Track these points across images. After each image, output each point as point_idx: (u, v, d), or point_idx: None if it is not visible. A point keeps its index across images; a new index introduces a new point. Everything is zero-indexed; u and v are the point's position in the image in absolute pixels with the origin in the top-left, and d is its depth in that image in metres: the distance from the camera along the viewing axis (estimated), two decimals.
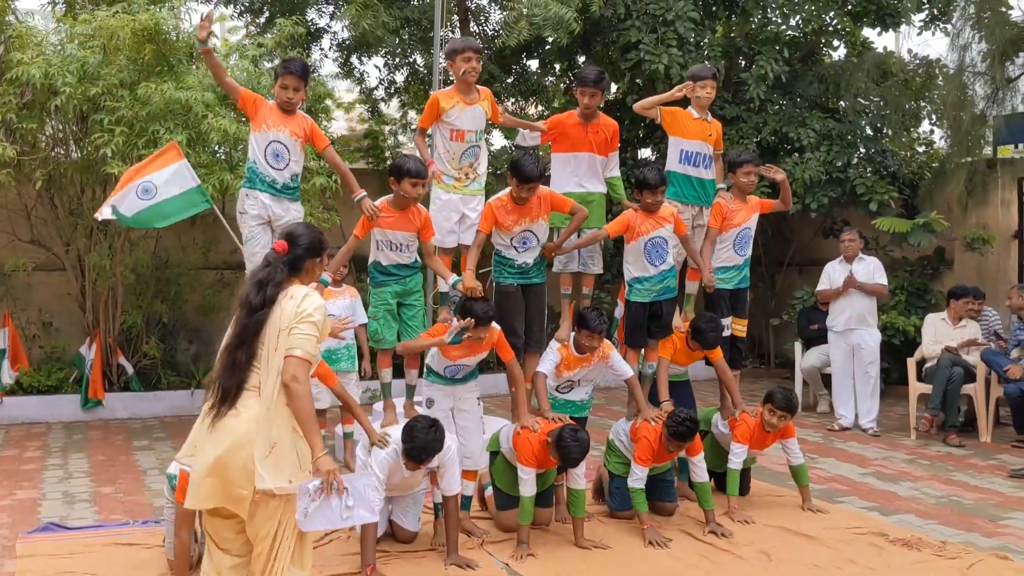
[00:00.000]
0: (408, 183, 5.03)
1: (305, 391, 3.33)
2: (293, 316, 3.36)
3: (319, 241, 3.62)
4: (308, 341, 3.36)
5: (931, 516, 5.82)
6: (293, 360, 3.31)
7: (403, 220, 5.13)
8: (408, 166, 5.04)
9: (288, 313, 3.37)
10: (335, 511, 3.38)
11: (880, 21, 11.06)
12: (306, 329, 3.36)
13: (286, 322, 3.35)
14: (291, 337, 3.34)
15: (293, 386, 3.29)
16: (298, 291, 3.44)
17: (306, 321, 3.37)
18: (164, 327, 9.77)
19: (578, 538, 5.17)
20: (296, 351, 3.32)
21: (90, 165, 8.14)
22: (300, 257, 3.52)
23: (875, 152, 10.32)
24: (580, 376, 5.57)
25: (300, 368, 3.31)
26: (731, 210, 6.08)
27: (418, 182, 5.04)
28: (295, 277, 3.51)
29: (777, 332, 11.68)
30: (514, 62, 11.48)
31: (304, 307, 3.39)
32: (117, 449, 7.66)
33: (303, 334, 3.35)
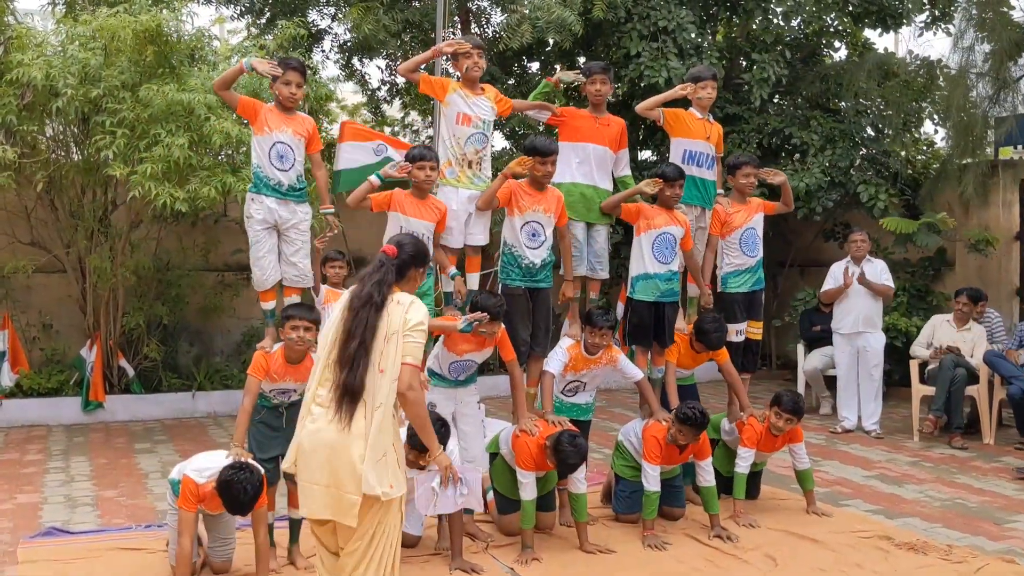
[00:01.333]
0: (415, 167, 5.10)
1: (421, 398, 3.48)
2: (404, 323, 3.41)
3: (424, 252, 3.74)
4: (419, 349, 3.45)
5: (936, 519, 5.80)
6: (408, 368, 3.39)
7: (423, 209, 5.17)
8: (412, 153, 5.20)
9: (396, 318, 3.41)
10: (451, 497, 3.99)
11: (881, 22, 11.08)
12: (418, 337, 3.45)
13: (394, 327, 3.40)
14: (405, 344, 3.40)
15: (410, 394, 3.40)
16: (404, 298, 3.50)
17: (418, 330, 3.45)
18: (165, 329, 9.74)
19: (583, 542, 5.15)
20: (409, 358, 3.40)
21: (91, 167, 8.11)
22: (407, 263, 3.60)
23: (877, 153, 10.31)
24: (587, 378, 5.55)
25: (414, 376, 3.42)
26: (730, 213, 6.07)
27: (424, 164, 5.11)
28: (400, 282, 3.58)
29: (779, 334, 11.67)
30: (515, 63, 11.47)
31: (414, 315, 3.45)
32: (118, 452, 7.63)
33: (415, 342, 3.43)
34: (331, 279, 6.94)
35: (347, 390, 3.32)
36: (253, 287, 5.33)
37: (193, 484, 4.35)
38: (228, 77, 5.12)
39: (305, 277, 5.24)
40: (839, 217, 10.94)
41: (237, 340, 10.40)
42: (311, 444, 3.38)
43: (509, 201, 5.36)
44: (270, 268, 5.12)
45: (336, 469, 3.31)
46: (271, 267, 5.12)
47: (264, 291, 5.20)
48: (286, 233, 5.13)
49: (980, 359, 8.01)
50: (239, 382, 9.51)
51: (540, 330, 5.52)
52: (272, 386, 4.80)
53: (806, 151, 10.30)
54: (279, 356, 4.75)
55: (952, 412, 7.94)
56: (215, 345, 10.44)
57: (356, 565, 3.39)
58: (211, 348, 10.41)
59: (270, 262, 5.11)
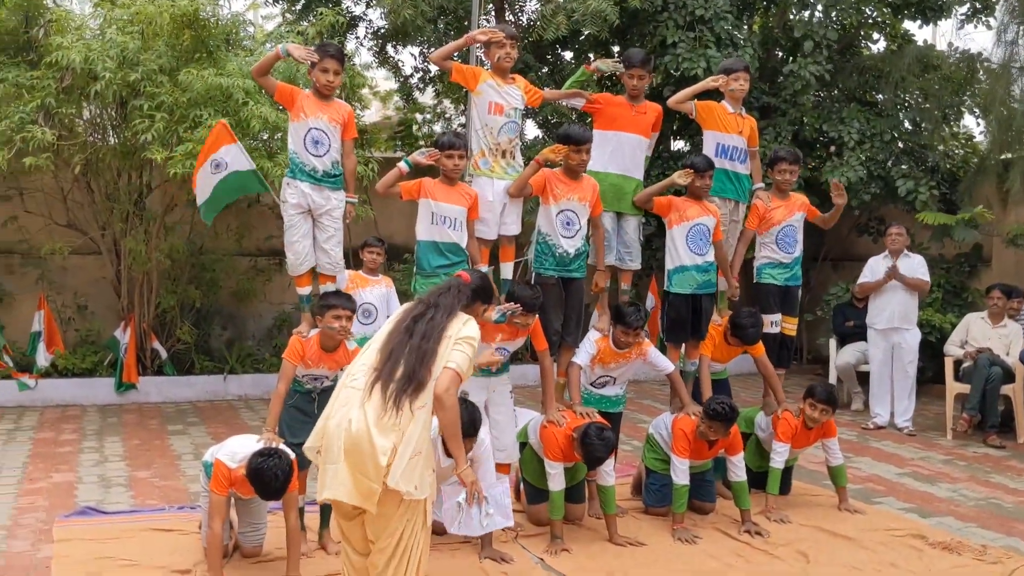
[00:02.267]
0: (444, 156, 5.09)
1: (455, 403, 3.49)
2: (457, 332, 3.54)
3: (491, 292, 3.98)
4: (466, 359, 3.50)
5: (970, 519, 5.73)
6: (450, 372, 3.44)
7: (454, 194, 5.15)
8: (441, 140, 5.19)
9: (452, 328, 3.55)
10: (475, 519, 3.73)
11: (921, 14, 10.92)
12: (466, 349, 3.53)
13: (449, 333, 3.52)
14: (454, 352, 3.48)
15: (445, 398, 3.41)
16: (462, 316, 3.65)
17: (468, 342, 3.54)
18: (198, 312, 9.84)
19: (612, 534, 5.13)
20: (452, 364, 3.45)
21: (128, 151, 8.18)
22: (476, 293, 3.89)
23: (915, 147, 10.17)
24: (617, 373, 5.53)
25: (454, 382, 3.45)
26: (769, 209, 6.01)
27: (452, 153, 5.09)
28: (464, 309, 3.71)
29: (810, 328, 11.58)
30: (549, 52, 11.41)
31: (467, 331, 3.58)
32: (152, 433, 7.71)
33: (463, 351, 3.51)
34: (367, 264, 6.95)
35: (412, 380, 3.38)
36: (287, 272, 5.34)
37: (225, 468, 4.37)
38: (265, 63, 5.13)
39: (337, 265, 5.24)
40: (874, 211, 10.81)
41: (269, 325, 10.48)
42: (340, 428, 3.38)
43: (544, 190, 5.33)
44: (304, 253, 5.13)
45: (363, 456, 3.30)
46: (305, 252, 5.13)
47: (298, 276, 5.21)
48: (319, 219, 5.13)
49: (1016, 357, 7.89)
50: (270, 366, 9.60)
51: (571, 320, 5.50)
52: (306, 372, 4.82)
53: (842, 145, 10.18)
54: (315, 343, 4.77)
55: (987, 411, 7.84)
56: (247, 329, 10.52)
57: (386, 564, 3.41)
58: (243, 332, 10.49)
59: (304, 247, 5.12)
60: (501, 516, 3.70)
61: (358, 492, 3.33)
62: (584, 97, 5.82)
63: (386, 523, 3.40)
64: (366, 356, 3.54)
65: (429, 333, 3.48)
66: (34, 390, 8.77)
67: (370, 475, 3.29)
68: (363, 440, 3.30)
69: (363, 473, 3.31)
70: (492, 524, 3.72)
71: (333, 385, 4.96)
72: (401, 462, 3.29)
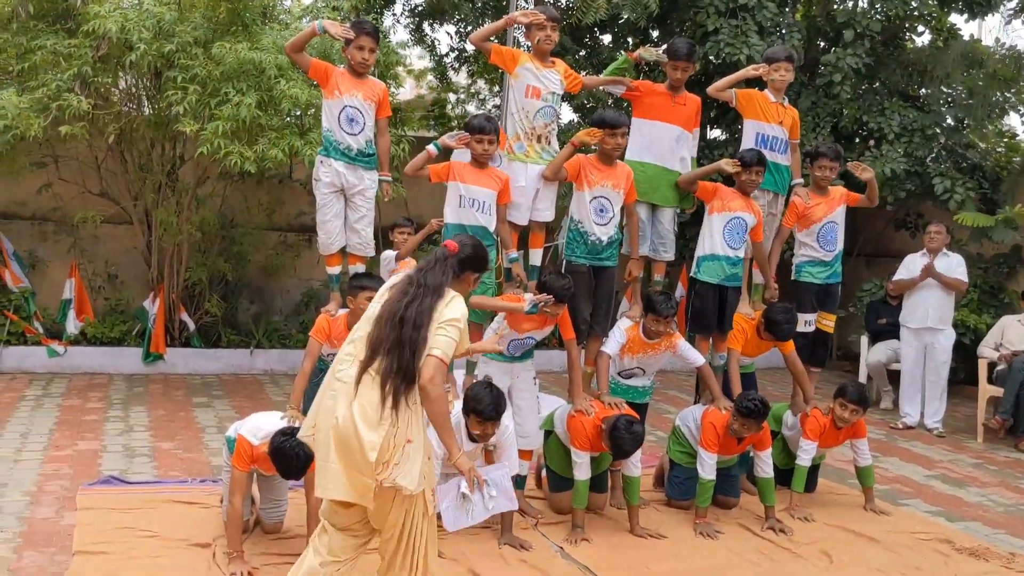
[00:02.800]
0: (474, 140, 5.01)
1: (442, 394, 3.34)
2: (439, 316, 3.34)
3: (484, 258, 3.70)
4: (450, 344, 3.33)
5: (999, 525, 5.63)
6: (433, 361, 3.28)
7: (484, 177, 5.08)
8: (472, 123, 5.07)
9: (437, 313, 3.35)
10: (478, 505, 3.58)
11: (968, 8, 10.66)
12: (452, 333, 3.34)
13: (436, 318, 3.34)
14: (436, 337, 3.31)
15: (430, 388, 3.26)
16: (448, 292, 3.43)
17: (452, 325, 3.35)
18: (227, 286, 9.87)
19: (633, 526, 5.09)
20: (436, 351, 3.29)
21: (162, 122, 8.18)
22: (465, 264, 3.58)
23: (956, 144, 9.97)
24: (646, 364, 5.46)
25: (439, 370, 3.29)
26: (808, 207, 5.89)
27: (482, 138, 5.00)
28: (454, 281, 3.53)
29: (841, 324, 11.38)
30: (587, 36, 11.29)
31: (452, 311, 3.37)
32: (177, 405, 7.75)
33: (447, 336, 3.32)
34: (397, 244, 6.94)
35: (406, 375, 3.24)
36: (318, 250, 5.32)
37: (248, 444, 4.36)
38: (300, 40, 5.08)
39: (367, 245, 5.22)
40: (912, 207, 10.62)
41: (296, 300, 10.50)
42: (327, 424, 3.30)
43: (578, 175, 5.26)
44: (336, 233, 5.11)
45: (352, 452, 3.22)
46: (337, 232, 5.11)
47: (329, 255, 5.19)
48: (352, 199, 5.11)
49: None
50: (297, 342, 9.62)
51: (601, 309, 5.44)
52: (331, 350, 4.80)
53: (882, 139, 10.00)
54: (342, 322, 4.75)
55: (1020, 415, 7.71)
56: (275, 304, 10.55)
57: (394, 552, 3.38)
58: (271, 307, 10.52)
59: (336, 227, 5.10)
60: (505, 499, 3.58)
61: (354, 489, 3.26)
62: (624, 84, 5.72)
63: (385, 515, 3.34)
64: (353, 345, 3.40)
65: (419, 321, 3.29)
66: (63, 357, 8.84)
67: (363, 471, 3.22)
68: (351, 437, 3.22)
69: (356, 469, 3.23)
70: (498, 506, 3.59)
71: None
72: (396, 457, 3.21)
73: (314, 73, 5.12)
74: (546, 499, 5.50)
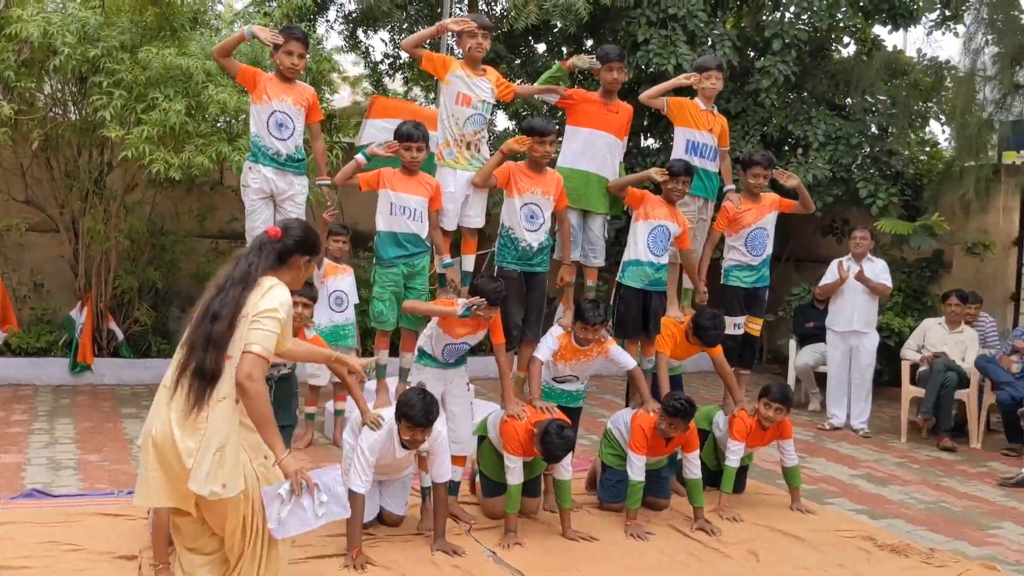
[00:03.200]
0: (402, 148, 5.02)
1: (261, 390, 3.12)
2: (254, 311, 3.15)
3: (314, 241, 3.48)
4: (269, 338, 3.15)
5: (920, 522, 5.80)
6: (250, 357, 3.10)
7: (414, 184, 5.09)
8: (400, 131, 5.07)
9: (251, 302, 3.17)
10: (308, 511, 3.23)
11: (891, 19, 10.99)
12: (269, 325, 3.16)
13: (246, 311, 3.16)
14: (252, 332, 3.13)
15: (247, 384, 3.08)
16: (267, 281, 3.25)
17: (271, 317, 3.16)
18: (157, 294, 9.70)
19: (565, 529, 5.13)
20: (255, 347, 3.11)
21: (88, 128, 8.03)
22: (290, 249, 3.38)
23: (880, 152, 10.26)
24: (579, 371, 5.52)
25: (257, 366, 3.10)
26: (739, 212, 6.02)
27: (411, 145, 5.01)
28: (279, 268, 3.36)
29: (770, 328, 11.64)
30: (522, 44, 11.37)
31: (269, 301, 3.18)
32: (104, 416, 7.59)
33: (265, 330, 3.14)
34: (333, 252, 6.92)
35: (204, 374, 3.08)
36: None
37: None
38: (228, 44, 5.03)
39: None
40: (839, 213, 10.90)
41: None
42: (148, 432, 3.17)
43: (508, 182, 5.30)
44: None
45: (169, 459, 3.11)
46: None
47: None
48: (282, 205, 5.08)
49: (972, 363, 8.00)
50: None
51: (533, 315, 5.47)
52: None
53: (808, 146, 10.25)
54: None
55: (941, 415, 7.95)
56: None
57: (239, 559, 3.26)
58: None
59: None
60: (337, 505, 3.28)
61: (175, 494, 3.16)
62: (558, 93, 5.77)
63: (221, 519, 3.21)
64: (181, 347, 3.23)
65: (220, 313, 3.11)
66: None
67: (181, 477, 3.09)
68: (167, 443, 3.10)
69: (175, 476, 3.11)
70: (329, 513, 3.27)
71: (290, 373, 4.93)
72: (203, 463, 3.06)
73: (242, 78, 5.08)
74: (480, 504, 5.52)
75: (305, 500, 3.22)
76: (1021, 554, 5.26)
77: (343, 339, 6.79)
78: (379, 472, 4.85)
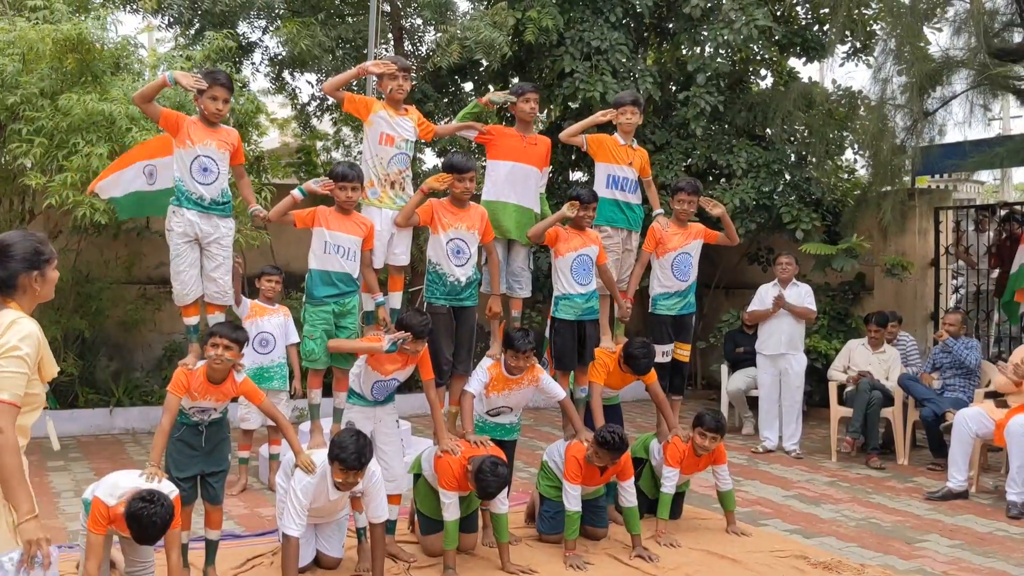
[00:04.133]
0: (337, 188, 5.06)
1: (11, 443, 2.80)
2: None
3: (35, 250, 3.04)
4: (14, 381, 2.82)
5: (851, 539, 5.93)
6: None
7: (348, 223, 5.12)
8: (336, 171, 5.12)
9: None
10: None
11: (805, 52, 11.39)
12: (12, 366, 2.82)
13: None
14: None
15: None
16: (6, 315, 2.90)
17: (11, 357, 2.82)
18: (83, 343, 9.49)
19: (504, 563, 5.14)
20: (4, 394, 2.79)
21: (7, 176, 7.87)
22: (13, 273, 2.98)
23: (800, 179, 10.58)
24: (512, 401, 5.55)
25: (4, 416, 2.77)
26: (666, 234, 6.17)
27: (346, 185, 5.06)
28: (11, 295, 2.99)
29: (704, 355, 11.86)
30: (449, 83, 11.49)
31: (7, 338, 2.83)
32: (30, 470, 7.33)
33: (8, 372, 2.81)
34: (265, 292, 6.89)
35: None
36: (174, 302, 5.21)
37: (103, 506, 4.21)
38: (149, 90, 4.99)
39: (225, 294, 5.14)
40: (763, 241, 11.17)
41: (158, 355, 10.17)
42: None
43: (432, 219, 5.36)
44: (191, 283, 5.02)
45: None
46: (192, 281, 5.01)
47: (186, 306, 5.09)
48: (207, 248, 5.03)
49: (895, 382, 8.24)
50: (159, 398, 9.31)
51: (463, 349, 5.51)
52: (192, 404, 4.70)
53: (732, 175, 10.51)
54: (201, 374, 4.66)
55: (869, 433, 8.15)
56: (135, 360, 10.20)
57: None
58: (131, 363, 10.16)
59: (191, 276, 5.00)
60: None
61: None
62: (477, 128, 5.87)
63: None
64: None
65: None
66: None
67: None
68: None
69: None
70: None
71: (221, 418, 4.87)
72: None
73: (164, 123, 5.03)
74: (418, 542, 5.49)
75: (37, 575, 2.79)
76: (947, 565, 5.42)
77: (267, 381, 6.73)
78: (313, 515, 4.82)
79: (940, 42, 10.37)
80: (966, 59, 9.56)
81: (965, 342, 8.09)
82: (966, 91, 9.91)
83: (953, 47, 9.81)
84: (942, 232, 10.56)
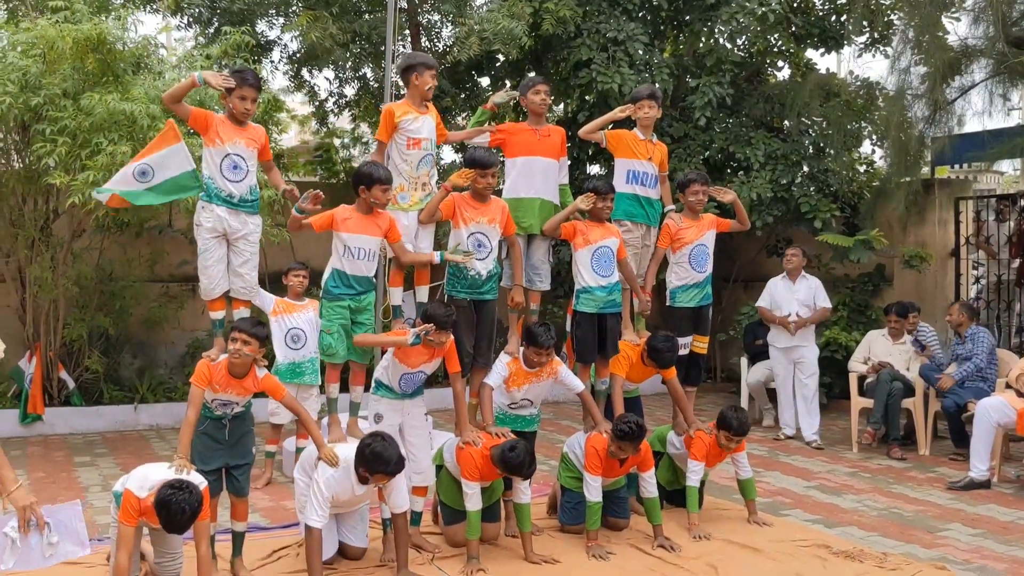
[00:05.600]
0: (379, 190, 5.10)
1: None
2: None
3: None
4: None
5: (873, 528, 5.94)
6: None
7: (369, 225, 5.16)
8: (379, 174, 5.13)
9: None
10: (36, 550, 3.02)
11: (823, 43, 11.35)
12: None
13: None
14: None
15: None
16: None
17: None
18: (108, 341, 9.61)
19: (527, 553, 5.18)
20: None
21: (32, 176, 7.98)
22: None
23: (818, 171, 10.56)
24: (531, 395, 5.59)
25: None
26: (680, 228, 6.18)
27: (388, 188, 5.13)
28: None
29: (723, 347, 11.85)
30: (466, 78, 11.52)
31: None
32: (57, 466, 7.49)
33: None
34: (293, 288, 6.94)
35: None
36: (200, 296, 5.28)
37: (134, 498, 4.27)
38: (179, 91, 5.05)
39: (251, 289, 5.21)
40: (781, 233, 11.15)
41: (181, 352, 10.28)
42: None
43: (454, 215, 5.40)
44: (218, 277, 5.08)
45: None
46: (219, 276, 5.07)
47: (212, 300, 5.15)
48: (235, 244, 5.09)
49: (916, 373, 8.22)
50: (183, 395, 9.42)
51: (483, 342, 5.55)
52: (214, 397, 4.76)
53: (749, 167, 10.50)
54: (223, 367, 4.72)
55: (889, 424, 8.15)
56: (159, 357, 10.31)
57: None
58: (155, 360, 10.28)
59: (219, 271, 5.07)
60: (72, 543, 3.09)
61: None
62: (487, 132, 5.89)
63: None
64: None
65: None
66: None
67: None
68: None
69: None
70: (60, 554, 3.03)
71: (244, 412, 4.93)
72: None
73: (194, 122, 5.09)
74: (442, 533, 5.54)
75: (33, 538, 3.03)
76: (969, 554, 5.42)
77: (299, 376, 6.77)
78: (338, 507, 4.87)
79: (958, 31, 10.32)
80: (984, 48, 9.51)
81: (972, 334, 8.02)
82: (985, 80, 9.86)
83: (972, 36, 9.77)
84: (962, 222, 10.49)
